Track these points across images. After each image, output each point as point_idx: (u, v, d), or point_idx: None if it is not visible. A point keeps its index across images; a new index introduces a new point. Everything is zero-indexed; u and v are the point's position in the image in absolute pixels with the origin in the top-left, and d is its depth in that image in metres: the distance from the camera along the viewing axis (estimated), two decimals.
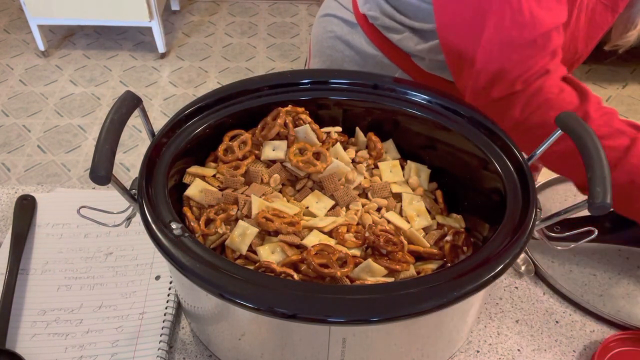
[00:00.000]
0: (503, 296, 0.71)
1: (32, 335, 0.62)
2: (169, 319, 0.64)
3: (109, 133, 0.49)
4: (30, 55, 2.59)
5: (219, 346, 0.61)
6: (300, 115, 0.66)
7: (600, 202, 0.47)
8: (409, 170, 0.68)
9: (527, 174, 0.56)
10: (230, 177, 0.62)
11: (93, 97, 2.38)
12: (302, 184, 0.64)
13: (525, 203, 0.54)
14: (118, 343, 0.62)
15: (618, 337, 0.64)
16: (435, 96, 0.65)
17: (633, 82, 2.54)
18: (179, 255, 0.47)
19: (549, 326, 0.68)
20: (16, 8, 2.88)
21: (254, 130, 0.66)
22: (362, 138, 0.70)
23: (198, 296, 0.54)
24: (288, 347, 0.52)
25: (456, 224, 0.64)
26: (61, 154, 2.10)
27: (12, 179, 1.99)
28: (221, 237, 0.58)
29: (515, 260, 0.49)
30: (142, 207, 0.51)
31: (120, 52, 2.64)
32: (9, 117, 2.26)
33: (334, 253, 0.54)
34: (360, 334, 0.49)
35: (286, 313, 0.44)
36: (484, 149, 0.60)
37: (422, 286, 0.46)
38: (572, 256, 0.76)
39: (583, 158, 0.50)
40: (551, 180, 0.86)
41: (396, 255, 0.56)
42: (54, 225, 0.75)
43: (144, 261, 0.71)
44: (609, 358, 0.63)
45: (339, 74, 0.69)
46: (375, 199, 0.64)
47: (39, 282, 0.68)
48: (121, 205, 0.55)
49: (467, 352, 0.65)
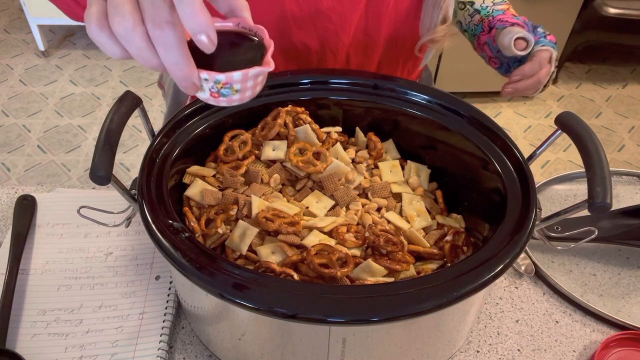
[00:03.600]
0: (503, 296, 0.71)
1: (32, 335, 0.62)
2: (169, 319, 0.64)
3: (109, 133, 0.49)
4: (30, 55, 2.59)
5: (219, 346, 0.61)
6: (300, 115, 0.66)
7: (600, 202, 0.47)
8: (409, 170, 0.68)
9: (527, 174, 0.56)
10: (230, 177, 0.62)
11: (93, 97, 2.38)
12: (302, 184, 0.64)
13: (525, 203, 0.54)
14: (118, 343, 0.62)
15: (618, 337, 0.64)
16: (435, 96, 0.65)
17: (633, 82, 2.54)
18: (179, 255, 0.47)
19: (549, 326, 0.68)
20: (16, 8, 2.88)
21: (254, 130, 0.66)
22: (362, 138, 0.70)
23: (198, 296, 0.54)
24: (288, 347, 0.52)
25: (456, 224, 0.64)
26: (61, 154, 2.10)
27: (12, 179, 1.99)
28: (221, 237, 0.58)
29: (515, 260, 0.49)
30: (142, 207, 0.51)
31: None
32: (9, 117, 2.26)
33: (334, 253, 0.54)
34: (360, 334, 0.49)
35: (286, 313, 0.44)
36: (484, 149, 0.60)
37: (422, 286, 0.46)
38: (572, 256, 0.76)
39: (583, 158, 0.50)
40: (551, 180, 0.86)
41: (396, 255, 0.56)
42: (54, 225, 0.75)
43: (144, 261, 0.71)
44: (608, 358, 0.63)
45: (339, 73, 0.69)
46: (375, 199, 0.64)
47: (39, 282, 0.68)
48: (121, 205, 0.55)
49: (467, 352, 0.65)
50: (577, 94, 2.48)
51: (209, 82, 0.40)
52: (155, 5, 0.36)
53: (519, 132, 2.26)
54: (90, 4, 0.38)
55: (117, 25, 0.36)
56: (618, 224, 0.74)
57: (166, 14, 0.36)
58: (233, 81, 0.41)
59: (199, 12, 0.36)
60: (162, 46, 0.37)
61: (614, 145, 2.22)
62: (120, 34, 0.37)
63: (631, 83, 2.54)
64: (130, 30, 0.36)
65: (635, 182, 0.88)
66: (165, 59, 0.38)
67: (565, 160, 2.15)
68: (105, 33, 0.38)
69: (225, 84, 0.41)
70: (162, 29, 0.36)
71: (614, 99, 2.45)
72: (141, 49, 0.37)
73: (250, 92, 0.43)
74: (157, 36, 0.37)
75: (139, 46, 0.37)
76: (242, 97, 0.43)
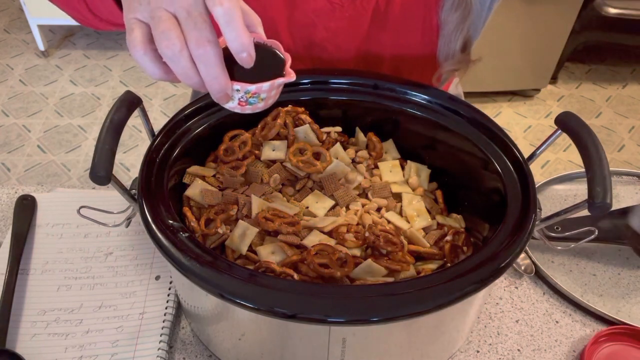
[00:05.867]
0: (503, 296, 0.71)
1: (32, 335, 0.62)
2: (169, 319, 0.64)
3: (109, 133, 0.49)
4: (30, 55, 2.59)
5: (219, 346, 0.61)
6: (300, 115, 0.66)
7: (600, 202, 0.47)
8: (409, 170, 0.68)
9: (527, 174, 0.56)
10: (230, 177, 0.62)
11: (93, 97, 2.38)
12: (302, 184, 0.64)
13: (525, 203, 0.54)
14: (118, 343, 0.62)
15: (608, 332, 0.64)
16: (435, 96, 0.65)
17: (633, 82, 2.54)
18: (179, 255, 0.47)
19: (549, 326, 0.68)
20: (16, 8, 2.88)
21: (254, 130, 0.66)
22: (362, 138, 0.70)
23: (198, 296, 0.54)
24: (288, 347, 0.52)
25: (456, 224, 0.64)
26: (61, 154, 2.10)
27: (12, 179, 1.99)
28: (221, 237, 0.58)
29: (515, 260, 0.49)
30: (142, 207, 0.51)
31: (120, 52, 2.64)
32: (9, 117, 2.26)
33: (334, 253, 0.54)
34: (360, 334, 0.49)
35: (286, 313, 0.44)
36: (484, 149, 0.60)
37: (422, 286, 0.46)
38: (572, 256, 0.76)
39: (583, 158, 0.50)
40: (551, 180, 0.86)
41: (396, 255, 0.56)
42: (54, 225, 0.75)
43: (144, 261, 0.71)
44: (599, 353, 0.64)
45: (339, 73, 0.69)
46: (375, 199, 0.64)
47: (39, 282, 0.68)
48: (121, 205, 0.55)
49: (467, 352, 0.65)
50: (577, 94, 2.48)
51: (240, 92, 0.45)
52: (198, 28, 0.40)
53: (519, 132, 2.26)
54: (132, 28, 0.42)
55: (166, 48, 0.41)
56: (618, 224, 0.74)
57: (208, 34, 0.41)
58: (262, 91, 0.45)
59: (243, 34, 0.41)
60: (204, 63, 0.41)
61: (614, 145, 2.22)
62: (168, 56, 0.41)
63: (631, 83, 2.54)
64: (178, 52, 0.41)
65: (635, 182, 0.88)
66: (205, 75, 0.42)
67: (565, 160, 2.15)
68: (149, 55, 0.42)
69: (254, 94, 0.46)
70: (204, 48, 0.41)
71: (614, 99, 2.45)
72: (186, 68, 0.41)
73: (272, 100, 0.48)
74: (200, 55, 0.41)
75: (184, 66, 0.41)
76: (265, 105, 0.48)
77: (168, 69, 0.43)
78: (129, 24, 0.43)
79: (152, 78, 0.43)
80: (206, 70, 0.41)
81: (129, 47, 0.42)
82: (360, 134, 0.70)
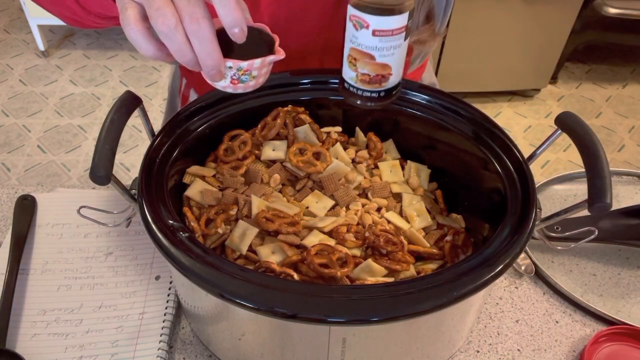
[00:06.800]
0: (503, 296, 0.71)
1: (32, 335, 0.62)
2: (169, 319, 0.64)
3: (109, 133, 0.49)
4: (30, 55, 2.59)
5: (219, 346, 0.61)
6: (300, 115, 0.66)
7: (600, 202, 0.47)
8: (409, 170, 0.68)
9: (527, 174, 0.56)
10: (230, 177, 0.62)
11: (93, 97, 2.38)
12: (302, 184, 0.64)
13: (525, 203, 0.54)
14: (118, 343, 0.62)
15: (608, 332, 0.64)
16: (435, 96, 0.65)
17: (633, 82, 2.54)
18: (179, 255, 0.47)
19: (549, 326, 0.68)
20: (16, 8, 2.88)
21: (254, 130, 0.66)
22: (362, 138, 0.70)
23: (198, 296, 0.54)
24: (288, 347, 0.52)
25: (456, 224, 0.64)
26: (61, 154, 2.10)
27: (12, 179, 1.99)
28: (221, 237, 0.58)
29: (515, 260, 0.49)
30: (142, 207, 0.51)
31: (120, 52, 2.64)
32: (9, 117, 2.26)
33: (334, 253, 0.54)
34: (360, 334, 0.49)
35: (286, 313, 0.44)
36: (484, 149, 0.60)
37: (422, 286, 0.46)
38: (572, 256, 0.76)
39: (583, 158, 0.50)
40: (551, 180, 0.86)
41: (396, 255, 0.56)
42: (54, 225, 0.75)
43: (144, 261, 0.71)
44: (599, 353, 0.64)
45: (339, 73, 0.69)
46: (375, 199, 0.64)
47: (39, 282, 0.68)
48: (121, 205, 0.55)
49: (467, 352, 0.65)
50: (577, 94, 2.48)
51: (233, 69, 0.46)
52: (192, 4, 0.41)
53: (519, 132, 2.26)
54: (125, 7, 0.43)
55: (161, 25, 0.41)
56: (618, 224, 0.74)
57: (202, 10, 0.41)
58: (253, 68, 0.46)
59: (235, 9, 0.42)
60: (198, 39, 0.42)
61: (614, 145, 2.22)
62: (164, 33, 0.42)
63: (631, 83, 2.54)
64: (173, 28, 0.41)
65: (635, 182, 0.88)
66: (200, 50, 0.42)
67: (565, 160, 2.15)
68: (143, 32, 0.43)
69: (246, 71, 0.46)
70: (199, 23, 0.41)
71: (614, 99, 2.45)
72: (181, 44, 0.42)
73: (262, 79, 0.49)
74: (194, 30, 0.42)
75: (179, 42, 0.42)
76: (256, 83, 0.49)
77: (161, 46, 0.43)
78: (122, 5, 0.43)
79: (146, 56, 0.44)
80: (200, 46, 0.42)
81: (123, 26, 0.43)
82: (360, 134, 0.70)
